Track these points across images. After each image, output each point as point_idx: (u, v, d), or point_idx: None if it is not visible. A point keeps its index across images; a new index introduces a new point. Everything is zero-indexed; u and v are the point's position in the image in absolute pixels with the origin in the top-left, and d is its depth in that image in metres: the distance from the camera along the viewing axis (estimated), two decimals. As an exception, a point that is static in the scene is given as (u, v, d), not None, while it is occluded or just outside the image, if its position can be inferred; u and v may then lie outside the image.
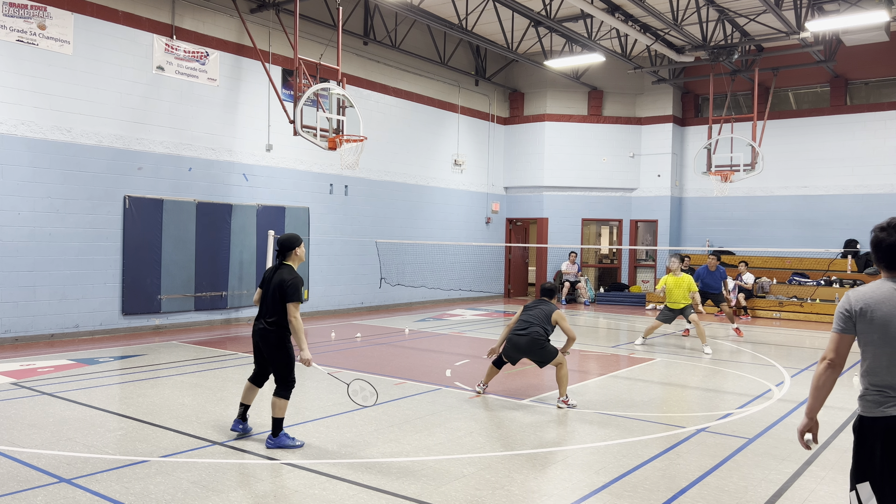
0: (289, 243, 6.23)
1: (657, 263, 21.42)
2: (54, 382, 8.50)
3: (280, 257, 6.27)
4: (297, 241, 6.26)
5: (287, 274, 6.07)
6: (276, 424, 6.04)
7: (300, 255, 6.27)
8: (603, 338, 13.85)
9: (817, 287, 18.20)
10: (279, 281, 6.05)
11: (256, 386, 6.39)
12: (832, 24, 13.81)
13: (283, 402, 6.06)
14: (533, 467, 5.71)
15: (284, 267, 6.18)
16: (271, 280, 6.15)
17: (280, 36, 15.18)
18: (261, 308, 6.25)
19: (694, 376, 9.88)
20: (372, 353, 11.07)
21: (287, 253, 6.23)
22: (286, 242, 6.24)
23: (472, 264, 20.81)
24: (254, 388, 6.39)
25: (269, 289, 6.14)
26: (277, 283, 6.06)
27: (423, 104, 19.14)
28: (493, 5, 16.04)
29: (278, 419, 6.03)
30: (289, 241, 6.23)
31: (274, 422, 6.04)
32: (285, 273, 6.09)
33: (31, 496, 4.85)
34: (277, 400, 6.05)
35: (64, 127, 11.86)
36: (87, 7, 12.13)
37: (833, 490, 5.28)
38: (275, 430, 6.05)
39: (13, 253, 11.30)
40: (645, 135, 21.60)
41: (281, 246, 6.25)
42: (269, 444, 6.03)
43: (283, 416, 6.05)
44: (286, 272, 6.10)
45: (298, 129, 12.37)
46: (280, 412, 6.03)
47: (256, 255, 14.80)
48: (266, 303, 6.15)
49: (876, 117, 18.66)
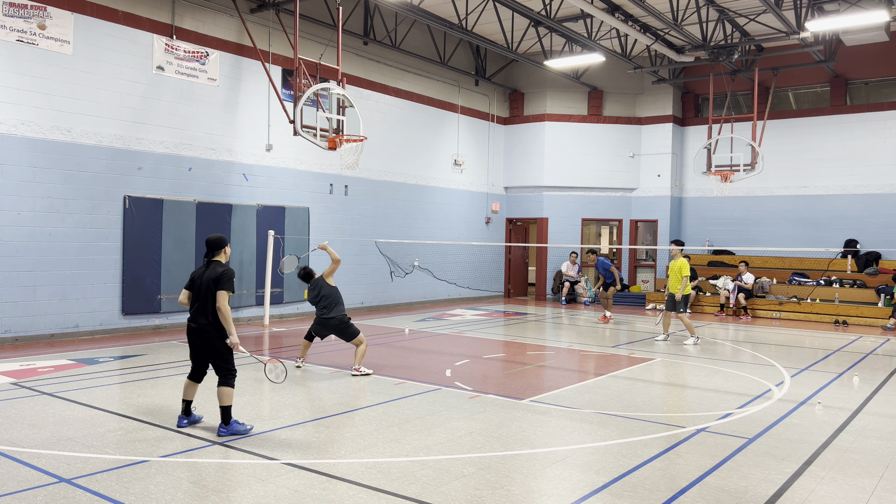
0: (219, 243, 6.68)
1: (657, 263, 21.42)
2: (54, 382, 8.51)
3: (208, 256, 6.65)
4: (225, 242, 6.73)
5: (220, 267, 6.51)
6: (225, 413, 6.42)
7: (228, 253, 6.76)
8: (603, 338, 13.85)
9: (817, 287, 18.20)
10: (214, 275, 6.41)
11: (196, 382, 6.73)
12: (832, 24, 13.80)
13: (230, 390, 6.44)
14: (533, 467, 5.71)
15: (214, 262, 6.57)
16: (202, 277, 6.50)
17: (280, 36, 15.18)
18: (193, 307, 6.53)
19: (694, 376, 9.89)
20: (372, 352, 11.07)
21: (215, 252, 6.66)
22: (215, 242, 6.67)
23: (472, 264, 20.80)
24: (193, 384, 6.73)
25: (202, 285, 6.45)
26: (212, 277, 6.41)
27: (423, 104, 19.14)
28: (493, 5, 16.05)
29: (226, 407, 6.41)
30: (218, 241, 6.69)
31: (222, 410, 6.41)
32: (218, 267, 6.51)
33: (31, 496, 4.85)
34: (224, 389, 6.43)
35: (64, 127, 11.86)
36: (87, 7, 12.13)
37: (833, 490, 5.28)
38: (225, 419, 6.41)
39: (13, 253, 11.30)
40: (645, 135, 21.60)
41: (210, 245, 6.66)
42: (221, 431, 6.37)
43: (230, 403, 6.42)
44: (218, 266, 6.53)
45: (298, 129, 12.37)
46: (227, 400, 6.42)
47: (256, 255, 14.79)
48: (200, 300, 6.46)
49: (876, 117, 18.66)
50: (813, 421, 7.36)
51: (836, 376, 9.89)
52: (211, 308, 6.39)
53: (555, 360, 11.06)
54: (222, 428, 6.38)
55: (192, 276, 6.63)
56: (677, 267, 12.89)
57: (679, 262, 12.94)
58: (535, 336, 13.75)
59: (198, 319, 6.46)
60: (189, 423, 6.70)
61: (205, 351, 6.52)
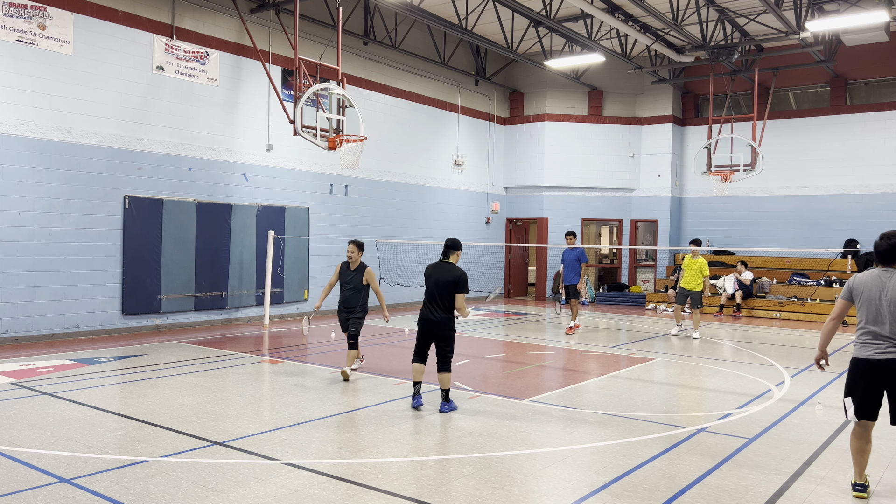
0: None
1: (657, 263, 21.42)
2: (54, 382, 8.51)
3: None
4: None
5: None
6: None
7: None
8: (603, 338, 13.85)
9: (817, 287, 18.19)
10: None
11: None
12: (832, 24, 13.80)
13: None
14: (533, 467, 5.71)
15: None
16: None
17: (280, 36, 15.17)
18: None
19: (694, 376, 9.89)
20: (372, 353, 11.07)
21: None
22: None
23: (472, 264, 20.78)
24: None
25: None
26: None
27: (423, 104, 19.14)
28: (493, 5, 16.04)
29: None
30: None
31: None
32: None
33: (31, 496, 4.85)
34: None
35: (64, 127, 11.86)
36: (87, 7, 12.13)
37: (833, 490, 5.28)
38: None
39: (13, 253, 11.30)
40: (645, 135, 21.59)
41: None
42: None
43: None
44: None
45: (298, 129, 12.37)
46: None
47: (256, 255, 14.79)
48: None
49: (876, 117, 18.66)
50: (813, 421, 7.36)
51: (836, 376, 9.88)
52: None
53: (555, 360, 11.06)
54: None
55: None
56: (698, 266, 13.48)
57: (700, 261, 13.54)
58: (535, 336, 13.75)
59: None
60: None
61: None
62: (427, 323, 7.45)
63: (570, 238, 14.04)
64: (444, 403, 7.43)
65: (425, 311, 7.49)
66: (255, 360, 10.33)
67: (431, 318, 7.41)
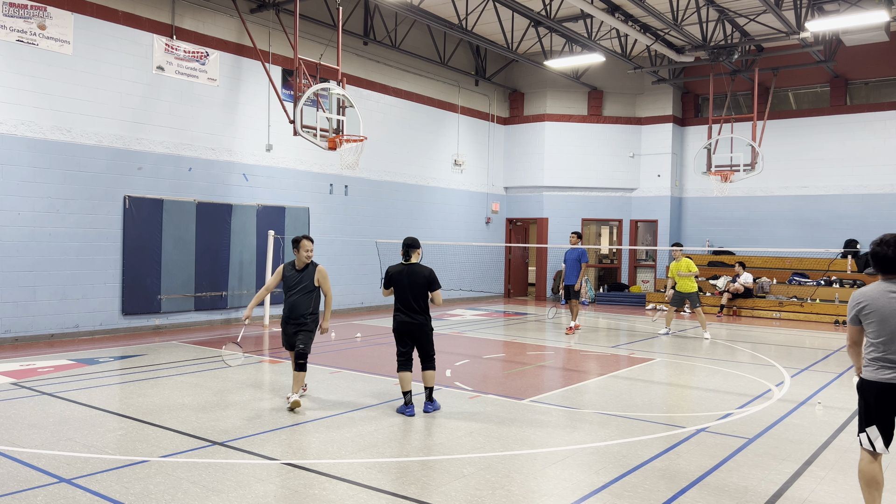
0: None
1: (657, 263, 21.42)
2: (54, 382, 8.50)
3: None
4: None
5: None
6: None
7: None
8: (603, 338, 13.85)
9: (817, 287, 18.19)
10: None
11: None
12: (832, 24, 13.80)
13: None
14: (533, 467, 5.71)
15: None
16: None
17: (280, 36, 15.17)
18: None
19: (694, 376, 9.88)
20: (372, 353, 11.07)
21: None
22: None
23: (472, 264, 20.80)
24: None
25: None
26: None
27: (423, 104, 19.14)
28: (493, 5, 16.04)
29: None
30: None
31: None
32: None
33: (31, 496, 4.85)
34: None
35: (64, 127, 11.86)
36: (87, 7, 12.13)
37: (833, 490, 5.28)
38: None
39: (13, 253, 11.30)
40: (645, 135, 21.59)
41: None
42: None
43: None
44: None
45: (298, 129, 12.37)
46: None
47: (256, 255, 14.79)
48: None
49: (876, 117, 18.66)
50: (813, 421, 7.36)
51: (836, 376, 9.88)
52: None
53: (555, 360, 11.06)
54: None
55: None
56: (685, 266, 13.64)
57: (683, 261, 13.70)
58: (534, 336, 13.75)
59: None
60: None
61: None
62: (408, 327, 7.38)
63: (575, 238, 14.11)
64: (429, 403, 7.44)
65: (403, 316, 7.37)
66: (256, 360, 10.34)
67: (412, 322, 7.35)
